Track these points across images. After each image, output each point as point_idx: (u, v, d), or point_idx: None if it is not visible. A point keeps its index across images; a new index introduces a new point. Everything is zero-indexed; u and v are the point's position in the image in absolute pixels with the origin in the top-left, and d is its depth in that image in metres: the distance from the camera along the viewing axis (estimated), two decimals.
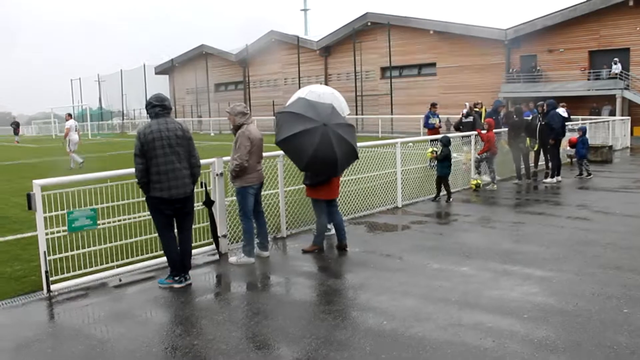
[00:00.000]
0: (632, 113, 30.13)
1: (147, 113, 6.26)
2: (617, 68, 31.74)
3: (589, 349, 4.48)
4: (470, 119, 15.38)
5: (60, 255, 6.44)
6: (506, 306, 5.46)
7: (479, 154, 12.83)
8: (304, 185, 7.80)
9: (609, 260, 6.95)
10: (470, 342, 4.66)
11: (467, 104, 16.48)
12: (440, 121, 19.27)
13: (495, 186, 12.70)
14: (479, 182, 12.64)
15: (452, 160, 12.38)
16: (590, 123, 20.94)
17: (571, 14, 33.64)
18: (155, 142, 6.03)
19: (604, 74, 32.60)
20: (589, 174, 14.31)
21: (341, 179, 8.35)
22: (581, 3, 34.01)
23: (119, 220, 7.07)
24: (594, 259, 7.00)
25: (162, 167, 6.07)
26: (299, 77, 47.18)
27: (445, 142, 11.31)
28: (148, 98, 6.37)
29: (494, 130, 13.07)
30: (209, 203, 7.21)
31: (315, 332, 4.96)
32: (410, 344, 4.66)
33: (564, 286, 6.02)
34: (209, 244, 7.63)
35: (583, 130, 15.27)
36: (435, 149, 11.42)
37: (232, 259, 7.28)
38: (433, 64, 41.07)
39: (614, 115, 29.35)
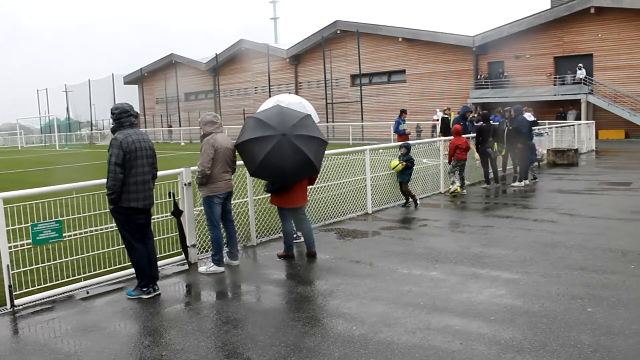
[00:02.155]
0: (597, 117, 30.84)
1: (120, 121, 6.14)
2: (581, 73, 32.50)
3: (554, 349, 4.56)
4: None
5: (25, 269, 6.32)
6: (474, 309, 5.53)
7: (449, 162, 12.87)
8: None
9: (574, 261, 7.08)
10: (439, 346, 4.70)
11: (437, 110, 16.69)
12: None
13: (464, 191, 12.84)
14: (457, 188, 12.60)
15: (423, 165, 12.52)
16: (557, 127, 21.35)
17: (536, 21, 34.37)
18: (137, 152, 6.04)
19: (568, 79, 33.33)
20: (535, 178, 14.51)
21: (312, 186, 8.37)
22: (546, 10, 34.81)
23: (86, 232, 6.98)
24: (559, 261, 7.12)
25: (140, 177, 6.08)
26: (269, 86, 47.23)
27: (409, 148, 11.39)
28: (119, 105, 6.22)
29: (464, 136, 13.20)
30: (177, 213, 7.16)
31: (284, 340, 4.96)
32: (379, 348, 4.68)
33: (531, 288, 6.12)
34: (178, 254, 7.57)
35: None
36: (400, 161, 11.13)
37: (202, 268, 7.23)
38: (402, 71, 41.51)
39: (580, 119, 29.98)
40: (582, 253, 7.46)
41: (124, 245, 6.40)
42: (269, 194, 7.72)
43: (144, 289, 6.25)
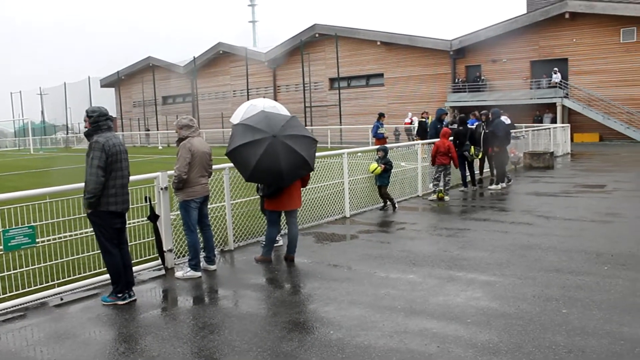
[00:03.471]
0: (572, 120, 31.33)
1: (99, 124, 6.03)
2: (557, 77, 32.98)
3: (529, 350, 4.60)
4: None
5: None
6: (451, 312, 5.55)
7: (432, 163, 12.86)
8: (252, 198, 7.79)
9: (550, 263, 7.15)
10: (416, 349, 4.71)
11: (410, 113, 16.78)
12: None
13: (447, 197, 12.83)
14: (441, 193, 12.59)
15: (401, 169, 12.55)
16: (533, 130, 21.60)
17: (512, 25, 34.77)
18: (118, 155, 6.02)
19: (544, 83, 33.79)
20: (509, 180, 14.64)
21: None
22: (522, 15, 35.28)
23: (60, 238, 6.87)
24: (535, 263, 7.19)
25: (119, 180, 6.05)
26: (248, 89, 47.09)
27: (387, 151, 11.43)
28: (96, 109, 6.12)
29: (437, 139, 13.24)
30: (154, 217, 7.08)
31: (261, 345, 4.93)
32: (356, 352, 4.68)
33: (507, 290, 6.17)
34: (155, 259, 7.49)
35: None
36: (378, 164, 11.17)
37: (178, 273, 7.17)
38: (381, 75, 41.70)
39: (555, 122, 30.39)
40: (557, 255, 7.54)
41: (99, 251, 6.31)
42: (252, 197, 7.68)
43: (120, 295, 6.17)
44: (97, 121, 6.04)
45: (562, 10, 32.73)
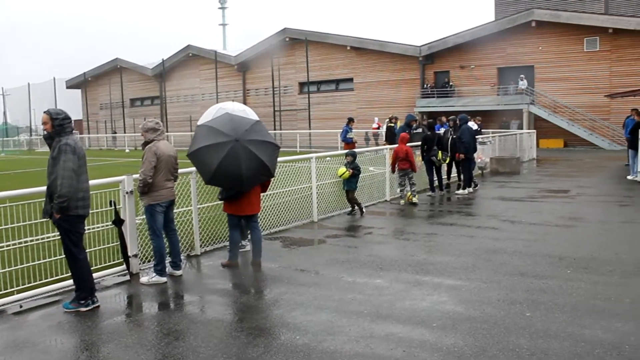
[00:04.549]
0: (537, 126, 31.90)
1: (63, 126, 5.89)
2: (523, 84, 33.56)
3: (494, 354, 4.64)
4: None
5: None
6: (417, 316, 5.58)
7: (392, 171, 12.94)
8: (219, 202, 7.74)
9: (515, 267, 7.25)
10: (382, 353, 4.71)
11: (376, 118, 16.88)
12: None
13: (416, 199, 12.87)
14: (409, 196, 12.65)
15: (369, 173, 12.59)
16: (500, 136, 21.91)
17: (480, 32, 35.32)
18: (84, 159, 5.96)
19: (511, 89, 34.37)
20: (476, 185, 14.80)
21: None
22: (489, 23, 35.87)
23: (20, 243, 6.70)
24: (500, 267, 7.28)
25: (85, 184, 6.00)
26: (217, 93, 46.80)
27: (355, 156, 11.46)
28: (61, 111, 6.00)
29: (410, 144, 13.32)
30: (118, 222, 6.97)
31: (227, 351, 4.87)
32: (323, 358, 4.66)
33: (472, 294, 6.22)
34: (119, 264, 7.36)
35: None
36: (346, 169, 11.13)
37: (144, 279, 7.06)
38: (350, 79, 41.89)
39: (522, 128, 30.91)
40: (522, 259, 7.64)
41: (62, 256, 6.18)
42: (219, 202, 7.64)
43: (82, 302, 6.04)
44: (63, 124, 5.93)
45: (529, 19, 33.38)
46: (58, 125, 5.91)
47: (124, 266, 7.23)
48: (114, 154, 38.03)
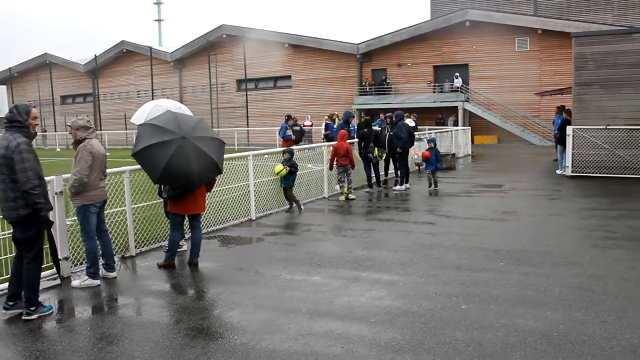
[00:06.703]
0: (472, 123, 32.76)
1: (12, 123, 5.65)
2: (458, 82, 34.39)
3: (430, 346, 4.71)
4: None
5: None
6: (355, 312, 5.60)
7: (330, 167, 12.99)
8: (154, 202, 7.55)
9: (450, 261, 7.39)
10: (320, 351, 4.70)
11: (309, 116, 16.92)
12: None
13: (352, 195, 12.98)
14: (346, 192, 12.74)
15: (307, 170, 12.57)
16: (436, 132, 22.35)
17: (416, 31, 35.93)
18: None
19: (447, 87, 35.14)
20: (436, 186, 14.72)
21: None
22: (425, 22, 36.55)
23: None
24: (437, 261, 7.41)
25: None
26: (152, 90, 45.74)
27: (292, 153, 11.44)
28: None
29: (348, 141, 13.41)
30: (48, 224, 6.67)
31: (163, 354, 4.75)
32: (261, 357, 4.61)
33: (410, 288, 6.31)
34: (49, 267, 7.05)
35: (434, 142, 14.79)
36: (283, 166, 11.12)
37: (75, 282, 6.80)
38: (288, 77, 41.80)
39: (458, 125, 31.67)
40: (457, 253, 7.80)
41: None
42: (153, 202, 7.45)
43: (10, 304, 5.80)
44: (13, 120, 5.65)
45: (463, 19, 34.18)
46: (10, 121, 5.69)
47: (54, 270, 6.96)
48: (44, 153, 36.54)
